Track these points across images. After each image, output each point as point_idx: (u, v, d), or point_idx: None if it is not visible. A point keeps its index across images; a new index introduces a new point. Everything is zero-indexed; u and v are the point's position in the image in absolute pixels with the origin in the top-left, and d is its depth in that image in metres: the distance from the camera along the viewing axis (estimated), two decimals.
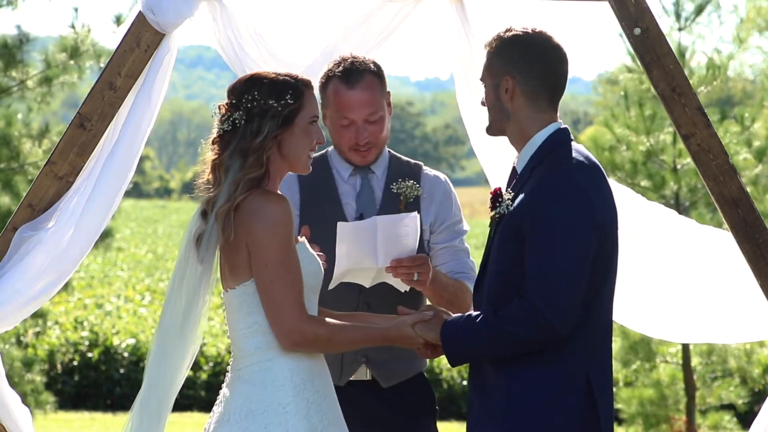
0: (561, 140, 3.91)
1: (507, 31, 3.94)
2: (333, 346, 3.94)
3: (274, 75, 3.95)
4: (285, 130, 3.90)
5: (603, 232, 3.80)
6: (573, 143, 3.92)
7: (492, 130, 3.99)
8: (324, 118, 4.56)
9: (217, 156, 3.90)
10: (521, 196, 3.84)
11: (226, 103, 3.93)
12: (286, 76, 3.95)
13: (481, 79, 3.99)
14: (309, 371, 3.90)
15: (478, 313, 3.86)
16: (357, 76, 4.47)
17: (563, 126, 3.95)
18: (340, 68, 4.50)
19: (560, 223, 3.74)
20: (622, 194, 4.80)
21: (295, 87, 3.92)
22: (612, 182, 4.69)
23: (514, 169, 3.98)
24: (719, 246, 4.81)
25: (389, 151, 4.66)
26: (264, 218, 3.82)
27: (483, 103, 4.00)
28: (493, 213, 3.94)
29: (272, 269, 3.82)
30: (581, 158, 3.86)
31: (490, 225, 3.99)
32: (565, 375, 3.78)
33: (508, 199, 3.88)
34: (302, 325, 3.84)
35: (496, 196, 3.94)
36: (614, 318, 4.89)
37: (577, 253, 3.73)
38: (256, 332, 3.89)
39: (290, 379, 3.86)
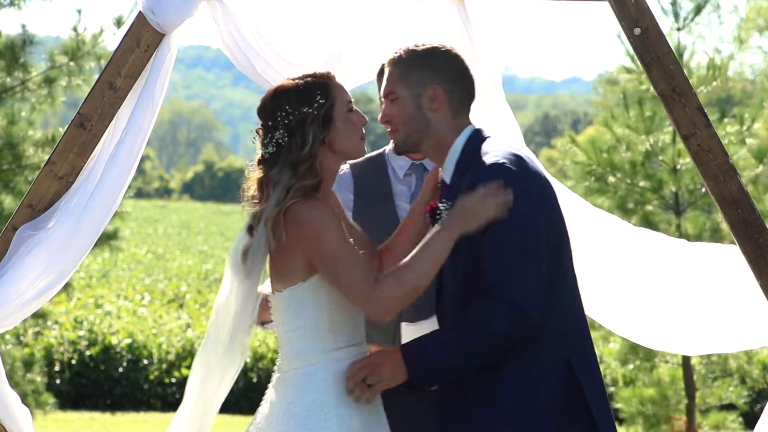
0: (481, 139, 3.93)
1: (417, 46, 3.98)
2: (411, 288, 3.78)
3: (295, 82, 3.93)
4: (328, 129, 3.89)
5: (546, 211, 3.81)
6: (491, 138, 3.94)
7: (406, 145, 3.98)
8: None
9: (264, 174, 3.88)
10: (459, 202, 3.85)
11: (262, 126, 3.92)
12: (306, 78, 3.93)
13: (386, 95, 3.97)
14: None
15: (441, 328, 3.86)
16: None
17: (477, 127, 3.98)
18: None
19: (507, 213, 3.74)
20: (613, 223, 4.90)
21: (321, 85, 3.91)
22: (595, 209, 4.79)
23: (442, 181, 3.99)
24: (714, 260, 4.84)
25: None
26: (310, 219, 3.81)
27: (385, 121, 3.97)
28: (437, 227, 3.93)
29: (332, 261, 3.79)
30: (505, 149, 3.87)
31: None
32: (541, 366, 3.79)
33: (446, 209, 3.88)
34: (376, 297, 3.75)
35: (434, 210, 3.94)
36: (619, 332, 4.91)
37: (532, 238, 3.74)
38: (300, 336, 3.89)
39: (333, 385, 3.85)
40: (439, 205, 3.91)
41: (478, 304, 3.74)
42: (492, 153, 3.84)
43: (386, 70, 4.00)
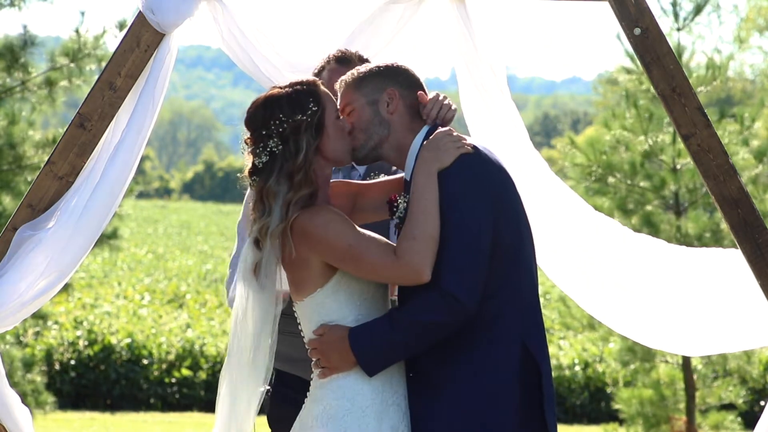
0: None
1: (368, 65, 4.06)
2: (427, 238, 3.79)
3: (285, 90, 3.92)
4: (321, 137, 3.90)
5: (496, 200, 3.84)
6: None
7: (366, 149, 4.02)
8: None
9: (262, 186, 3.88)
10: None
11: (252, 136, 3.92)
12: (295, 86, 3.93)
13: (342, 109, 4.01)
14: (386, 372, 3.90)
15: (382, 317, 3.89)
16: None
17: (431, 125, 4.01)
18: None
19: (449, 201, 3.79)
20: (614, 227, 4.89)
21: (312, 92, 3.92)
22: (600, 215, 4.79)
23: (405, 181, 4.02)
24: (713, 263, 4.86)
25: None
26: (316, 226, 3.83)
27: (348, 132, 4.00)
28: (394, 219, 3.97)
29: (350, 253, 3.80)
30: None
31: (395, 233, 4.01)
32: (497, 354, 3.83)
33: (403, 202, 3.92)
34: (402, 262, 3.78)
35: (392, 203, 3.98)
36: (619, 330, 4.90)
37: (473, 225, 3.78)
38: None
39: (368, 382, 3.87)
40: (398, 198, 3.96)
41: (416, 293, 3.81)
42: None
43: (339, 90, 4.04)
